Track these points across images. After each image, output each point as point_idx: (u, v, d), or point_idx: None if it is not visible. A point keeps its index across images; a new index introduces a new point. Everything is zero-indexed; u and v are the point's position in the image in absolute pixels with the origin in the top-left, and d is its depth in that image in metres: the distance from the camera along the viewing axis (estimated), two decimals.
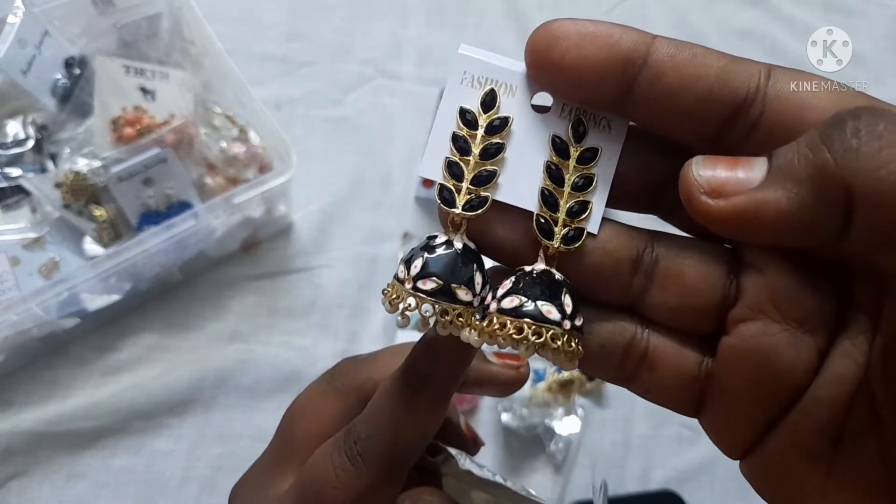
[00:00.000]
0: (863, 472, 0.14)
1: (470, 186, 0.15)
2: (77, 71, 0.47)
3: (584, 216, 0.15)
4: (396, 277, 0.15)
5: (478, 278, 0.15)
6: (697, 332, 0.16)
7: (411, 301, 0.14)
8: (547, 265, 0.15)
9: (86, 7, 0.47)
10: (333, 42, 0.56)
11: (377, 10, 0.58)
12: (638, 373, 0.16)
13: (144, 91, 0.46)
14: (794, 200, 0.12)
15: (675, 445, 0.45)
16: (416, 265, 0.15)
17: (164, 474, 0.41)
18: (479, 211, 0.15)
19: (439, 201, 0.15)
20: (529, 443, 0.44)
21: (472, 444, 0.25)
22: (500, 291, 0.15)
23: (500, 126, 0.15)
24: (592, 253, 0.15)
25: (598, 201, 0.15)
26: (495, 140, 0.15)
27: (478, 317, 0.15)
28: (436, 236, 0.15)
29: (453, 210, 0.15)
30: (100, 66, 0.45)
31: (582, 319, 0.15)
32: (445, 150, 0.15)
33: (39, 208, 0.45)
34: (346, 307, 0.47)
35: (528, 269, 0.15)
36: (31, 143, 0.46)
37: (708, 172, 0.13)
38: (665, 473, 0.44)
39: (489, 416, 0.45)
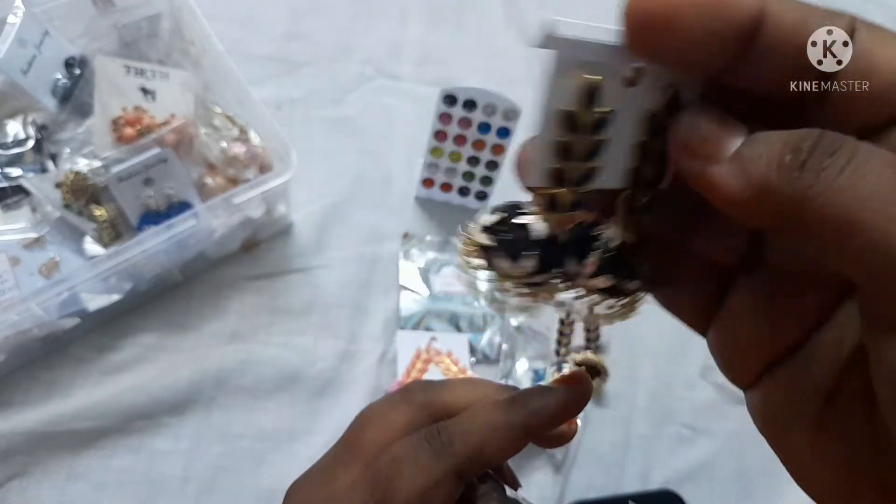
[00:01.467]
0: (848, 444, 0.14)
1: (575, 188, 0.15)
2: (77, 71, 0.47)
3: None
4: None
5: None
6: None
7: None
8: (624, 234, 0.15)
9: (86, 7, 0.47)
10: (333, 42, 0.56)
11: (377, 11, 0.58)
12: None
13: (145, 91, 0.46)
14: (743, 192, 0.12)
15: (675, 445, 0.45)
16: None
17: (164, 474, 0.41)
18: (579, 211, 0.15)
19: (542, 207, 0.15)
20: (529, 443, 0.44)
21: (513, 481, 0.26)
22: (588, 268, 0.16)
23: (603, 123, 0.14)
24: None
25: None
26: (599, 138, 0.14)
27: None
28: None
29: (565, 215, 0.15)
30: (100, 66, 0.45)
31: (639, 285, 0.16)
32: (546, 155, 0.14)
33: (39, 208, 0.45)
34: (346, 307, 0.47)
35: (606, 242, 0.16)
36: (31, 143, 0.46)
37: (695, 127, 0.13)
38: (665, 473, 0.44)
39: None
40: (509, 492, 0.23)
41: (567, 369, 0.44)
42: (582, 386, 0.22)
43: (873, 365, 0.13)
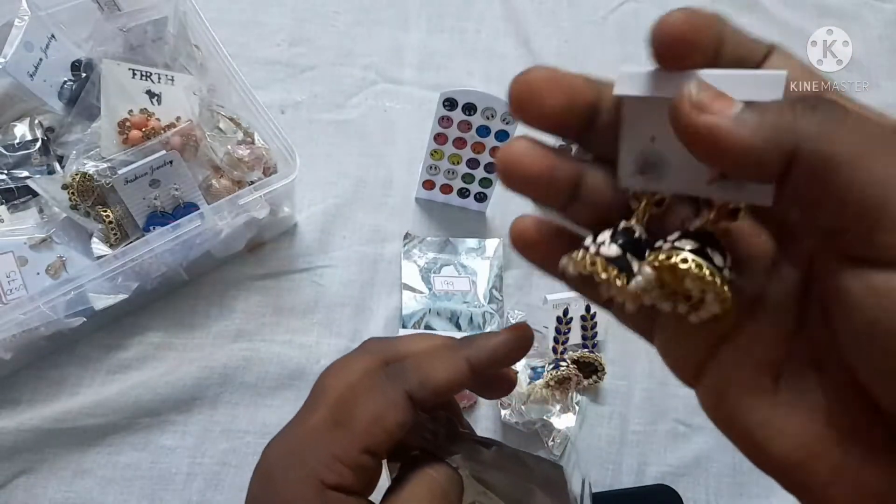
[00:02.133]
0: (807, 405, 0.16)
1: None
2: (83, 74, 0.48)
3: None
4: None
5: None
6: None
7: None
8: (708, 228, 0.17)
9: (92, 11, 0.48)
10: (336, 47, 0.57)
11: (379, 16, 0.59)
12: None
13: (151, 94, 0.46)
14: (755, 137, 0.14)
15: (671, 441, 0.46)
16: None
17: (170, 470, 0.42)
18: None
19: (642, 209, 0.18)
20: (528, 438, 0.45)
21: (462, 422, 0.27)
22: (672, 237, 0.17)
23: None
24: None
25: None
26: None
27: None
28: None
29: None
30: (106, 69, 0.45)
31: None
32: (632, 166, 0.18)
33: (46, 209, 0.46)
34: (349, 306, 0.47)
35: (693, 224, 0.17)
36: (38, 145, 0.47)
37: (701, 93, 0.15)
38: (660, 468, 0.45)
39: (488, 412, 0.46)
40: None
41: (564, 368, 0.45)
42: (523, 332, 0.24)
43: (839, 306, 0.15)
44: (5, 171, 0.46)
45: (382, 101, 0.55)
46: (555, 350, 0.47)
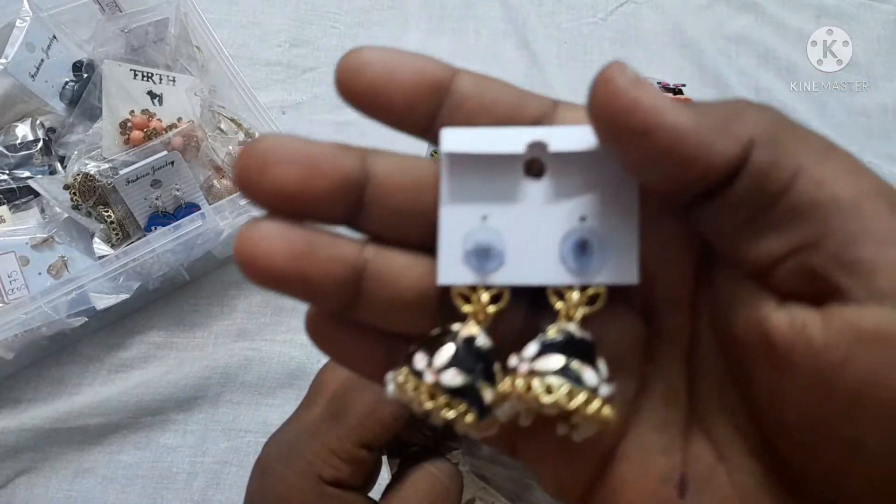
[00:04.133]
0: None
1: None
2: (85, 75, 0.48)
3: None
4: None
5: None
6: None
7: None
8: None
9: (93, 12, 0.48)
10: (336, 48, 0.57)
11: (379, 17, 0.59)
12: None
13: (152, 95, 0.47)
14: (709, 125, 0.12)
15: None
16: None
17: (171, 469, 0.42)
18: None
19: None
20: None
21: None
22: (528, 352, 0.14)
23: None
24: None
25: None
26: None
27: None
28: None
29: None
30: (108, 70, 0.46)
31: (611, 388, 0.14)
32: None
33: (48, 209, 0.46)
34: None
35: (552, 329, 0.14)
36: (39, 146, 0.47)
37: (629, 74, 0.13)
38: None
39: None
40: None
41: None
42: None
43: (771, 367, 0.12)
44: (7, 172, 0.46)
45: None
46: None
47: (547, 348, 0.13)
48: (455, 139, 0.14)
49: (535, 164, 0.15)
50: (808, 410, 0.12)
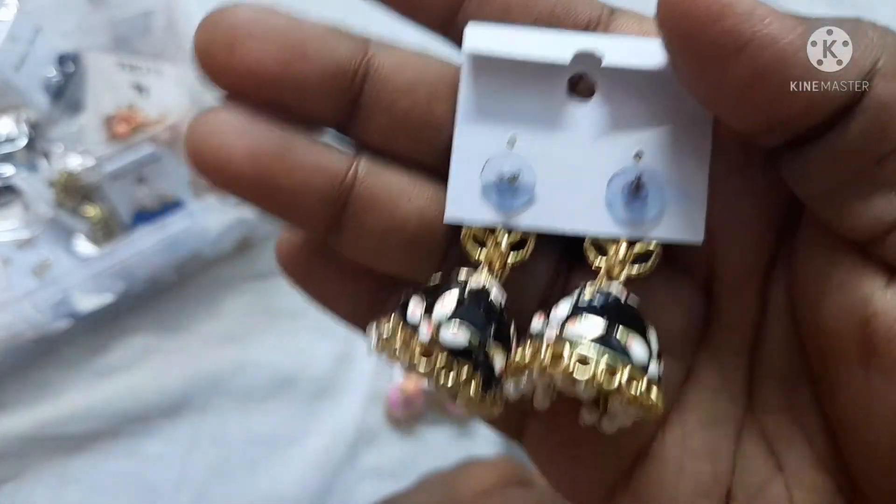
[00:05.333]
0: None
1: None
2: (71, 68, 0.47)
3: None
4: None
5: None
6: None
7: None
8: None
9: (79, 3, 0.47)
10: None
11: (374, 8, 0.57)
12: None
13: (138, 88, 0.45)
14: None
15: None
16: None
17: (158, 479, 0.41)
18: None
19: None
20: None
21: None
22: (558, 312, 0.11)
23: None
24: None
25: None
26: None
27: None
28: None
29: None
30: (93, 62, 0.44)
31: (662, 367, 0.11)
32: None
33: (31, 207, 0.44)
34: None
35: (590, 288, 0.11)
36: (23, 142, 0.46)
37: None
38: None
39: None
40: None
41: None
42: None
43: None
44: None
45: None
46: None
47: (582, 310, 0.11)
48: (482, 38, 0.11)
49: (581, 81, 0.12)
50: None
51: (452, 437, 0.43)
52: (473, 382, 0.10)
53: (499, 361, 0.11)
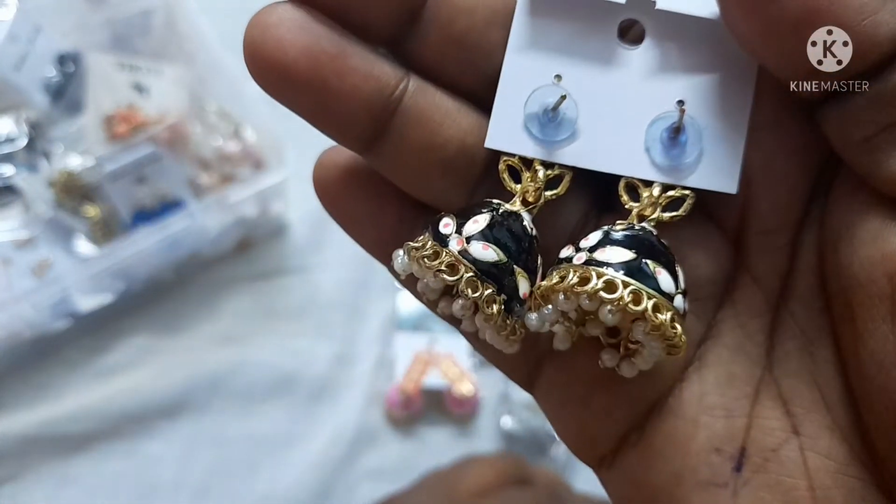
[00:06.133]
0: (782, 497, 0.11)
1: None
2: (71, 67, 0.47)
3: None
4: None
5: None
6: None
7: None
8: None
9: (78, 2, 0.46)
10: None
11: None
12: None
13: (138, 88, 0.45)
14: None
15: None
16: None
17: (157, 479, 0.40)
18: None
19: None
20: (531, 447, 0.43)
21: None
22: (588, 241, 0.11)
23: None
24: None
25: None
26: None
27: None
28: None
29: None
30: (93, 62, 0.44)
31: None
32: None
33: (32, 207, 0.44)
34: (343, 308, 0.46)
35: (620, 224, 0.11)
36: (23, 142, 0.45)
37: None
38: None
39: (488, 422, 0.44)
40: None
41: None
42: None
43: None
44: None
45: None
46: None
47: (612, 241, 0.11)
48: None
49: (631, 31, 0.12)
50: None
51: (452, 437, 0.43)
52: (496, 303, 0.11)
53: (523, 285, 0.11)
